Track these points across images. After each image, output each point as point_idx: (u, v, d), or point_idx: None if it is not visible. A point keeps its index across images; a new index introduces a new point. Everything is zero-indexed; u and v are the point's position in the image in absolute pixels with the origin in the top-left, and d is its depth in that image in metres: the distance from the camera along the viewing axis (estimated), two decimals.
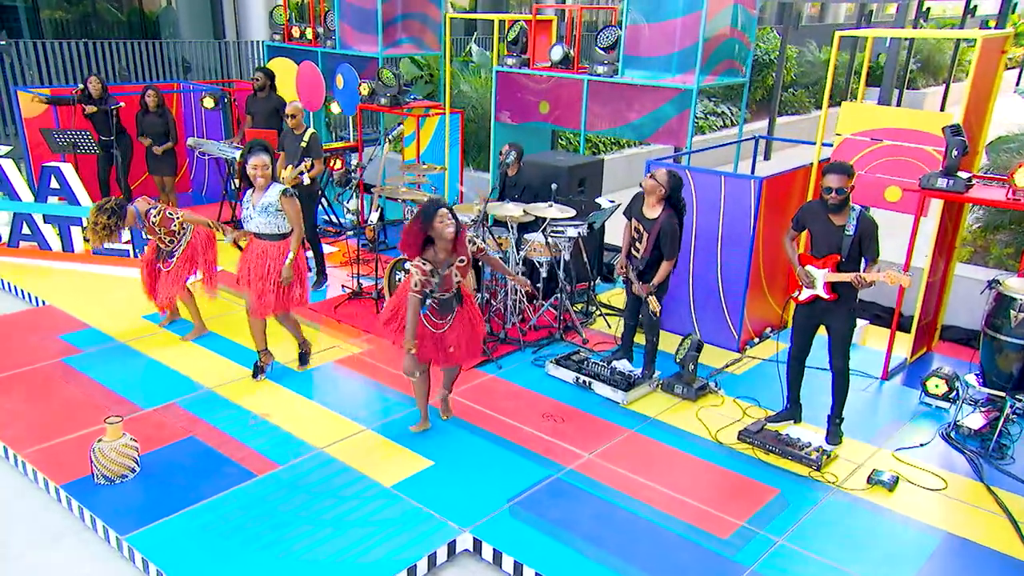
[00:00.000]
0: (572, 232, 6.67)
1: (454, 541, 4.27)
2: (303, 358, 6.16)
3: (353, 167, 8.92)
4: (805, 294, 5.14)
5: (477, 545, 4.29)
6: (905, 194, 6.38)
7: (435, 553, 4.17)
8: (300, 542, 4.20)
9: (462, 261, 4.88)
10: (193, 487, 4.62)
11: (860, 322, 7.07)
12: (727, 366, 6.48)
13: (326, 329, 6.93)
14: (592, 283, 7.60)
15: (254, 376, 5.96)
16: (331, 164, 9.85)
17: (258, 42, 13.38)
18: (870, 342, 6.98)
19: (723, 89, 18.91)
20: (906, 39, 14.54)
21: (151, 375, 5.99)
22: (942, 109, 16.07)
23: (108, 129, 9.05)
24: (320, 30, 10.80)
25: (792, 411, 5.57)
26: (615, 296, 7.81)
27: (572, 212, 6.66)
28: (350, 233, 9.60)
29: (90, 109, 8.97)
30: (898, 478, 4.90)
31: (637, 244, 5.84)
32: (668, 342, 6.47)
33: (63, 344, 6.41)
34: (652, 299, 5.72)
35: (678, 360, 5.96)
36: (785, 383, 5.53)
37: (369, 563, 4.05)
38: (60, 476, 4.67)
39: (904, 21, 12.43)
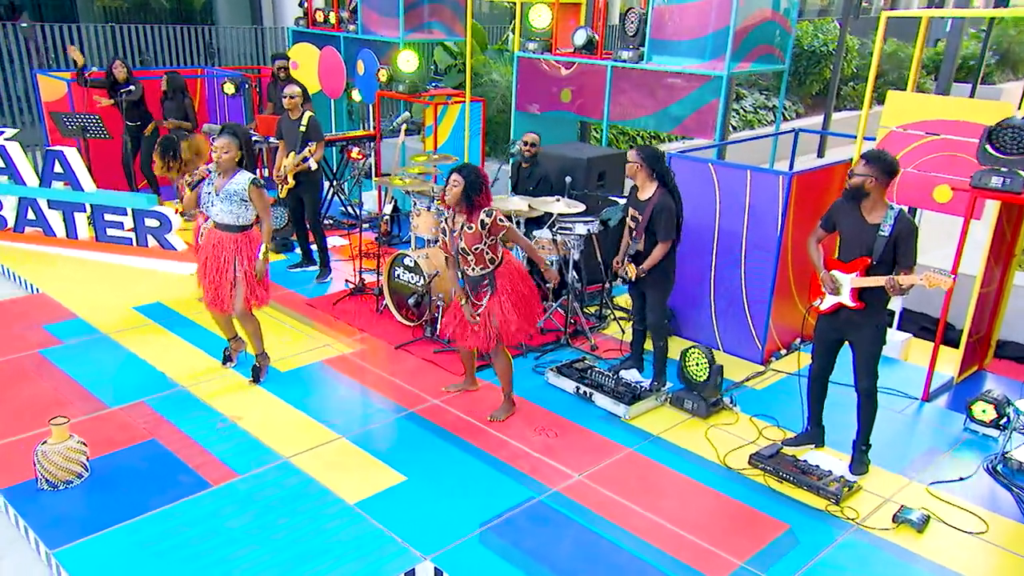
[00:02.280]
0: (582, 229, 6.15)
1: (413, 571, 3.83)
2: (255, 374, 5.57)
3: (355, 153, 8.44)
4: (828, 302, 4.55)
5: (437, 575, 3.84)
6: (956, 194, 5.69)
7: None
8: (243, 565, 3.80)
9: (470, 228, 4.72)
10: (140, 497, 4.26)
11: (901, 335, 6.40)
12: (747, 380, 5.89)
13: (320, 326, 6.55)
14: (607, 285, 7.06)
15: (223, 364, 5.68)
16: (350, 153, 9.48)
17: (284, 29, 13.15)
18: (913, 357, 6.31)
19: (776, 80, 18.09)
20: (974, 27, 13.52)
21: (126, 371, 5.68)
22: (1020, 108, 14.98)
23: (133, 115, 8.84)
24: (344, 14, 10.45)
25: (813, 434, 4.98)
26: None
27: (581, 207, 6.15)
28: (366, 226, 9.23)
29: (102, 98, 8.75)
30: (929, 517, 4.29)
31: (635, 232, 5.34)
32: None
33: (44, 335, 6.16)
34: (630, 266, 5.31)
35: (697, 380, 5.37)
36: (806, 403, 4.94)
37: None
38: (2, 479, 4.36)
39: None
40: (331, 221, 9.31)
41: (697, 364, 5.34)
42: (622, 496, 4.43)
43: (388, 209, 8.64)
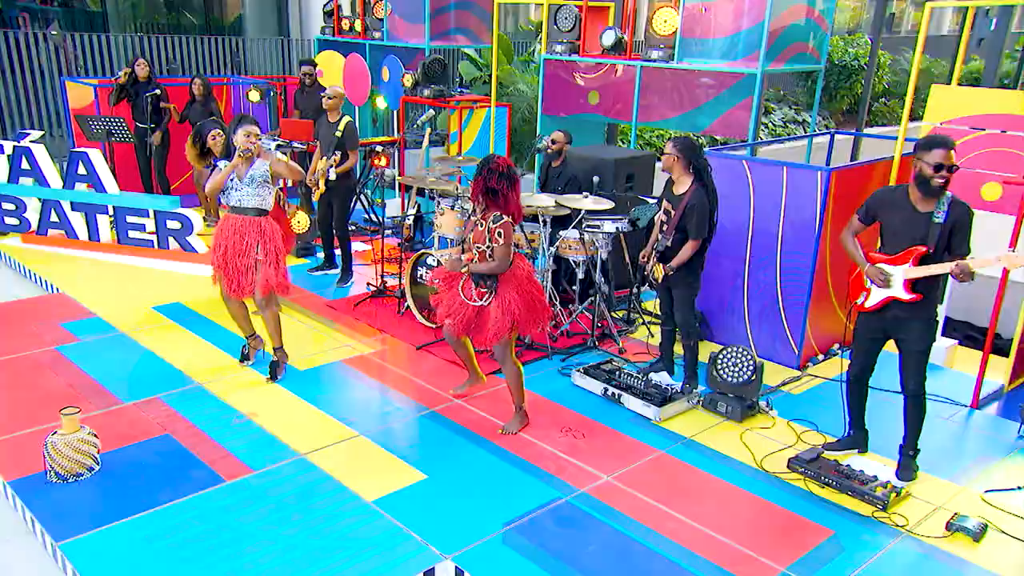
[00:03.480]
0: (610, 227, 5.95)
1: (432, 569, 3.61)
2: (273, 371, 5.39)
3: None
4: (876, 298, 4.28)
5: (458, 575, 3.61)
6: (1007, 191, 5.43)
7: None
8: (253, 561, 3.61)
9: (480, 225, 4.55)
10: (151, 491, 4.09)
11: (947, 341, 6.11)
12: (784, 384, 5.63)
13: (341, 327, 6.39)
14: (636, 289, 6.84)
15: (241, 362, 5.56)
16: (375, 161, 9.38)
17: (310, 41, 13.18)
18: (958, 365, 6.02)
19: (806, 95, 17.85)
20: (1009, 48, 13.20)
21: (142, 367, 5.55)
22: None
23: (144, 116, 8.81)
24: (368, 21, 10.40)
25: (855, 438, 4.71)
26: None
27: (610, 205, 5.96)
28: (388, 232, 9.10)
29: (122, 78, 8.72)
30: (987, 526, 3.99)
31: (665, 227, 5.14)
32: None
33: (62, 332, 6.05)
34: (658, 266, 5.09)
35: (734, 380, 5.12)
36: (846, 407, 4.67)
37: None
38: (11, 471, 4.22)
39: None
40: (353, 227, 9.18)
41: (736, 364, 5.10)
42: (654, 499, 4.18)
43: (411, 212, 8.50)
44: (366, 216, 9.55)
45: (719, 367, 5.16)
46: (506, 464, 4.49)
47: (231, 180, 5.03)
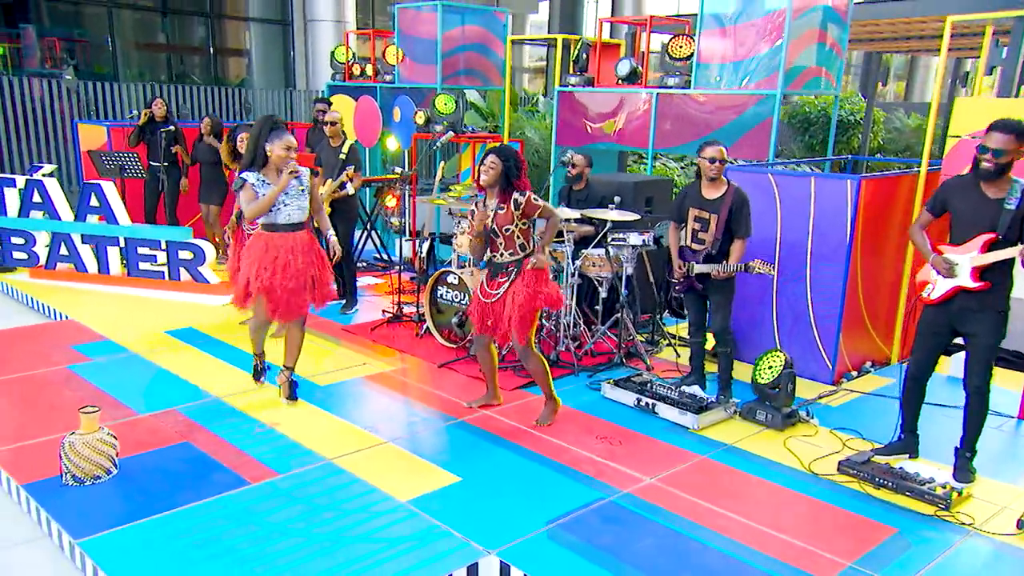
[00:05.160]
0: (636, 240, 5.86)
1: (476, 564, 3.37)
2: (292, 390, 5.09)
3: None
4: (941, 289, 4.14)
5: (505, 571, 3.37)
6: None
7: None
8: (287, 556, 3.37)
9: (501, 208, 4.53)
10: (172, 493, 3.87)
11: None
12: (820, 397, 5.45)
13: (359, 348, 6.22)
14: (658, 314, 6.70)
15: (256, 379, 5.30)
16: (384, 201, 9.33)
17: (316, 92, 13.36)
18: (996, 381, 5.83)
19: (802, 150, 18.06)
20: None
21: (157, 383, 5.35)
22: None
23: (159, 154, 8.79)
24: (379, 66, 10.54)
25: (907, 442, 4.51)
26: (684, 331, 6.86)
27: (635, 217, 5.88)
28: (399, 268, 9.00)
29: (143, 119, 8.73)
30: None
31: (700, 234, 5.04)
32: (744, 373, 5.53)
33: (73, 353, 5.86)
34: (757, 262, 4.95)
35: (762, 380, 4.99)
36: (899, 408, 4.49)
37: None
38: (25, 476, 3.98)
39: (1010, 90, 11.22)
40: (364, 264, 9.09)
41: (770, 367, 4.94)
42: (702, 499, 3.97)
43: (424, 249, 8.41)
44: (376, 256, 9.47)
45: (759, 368, 5.00)
46: (543, 467, 4.28)
47: (281, 199, 4.69)
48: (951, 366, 5.68)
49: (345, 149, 7.03)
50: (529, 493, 3.99)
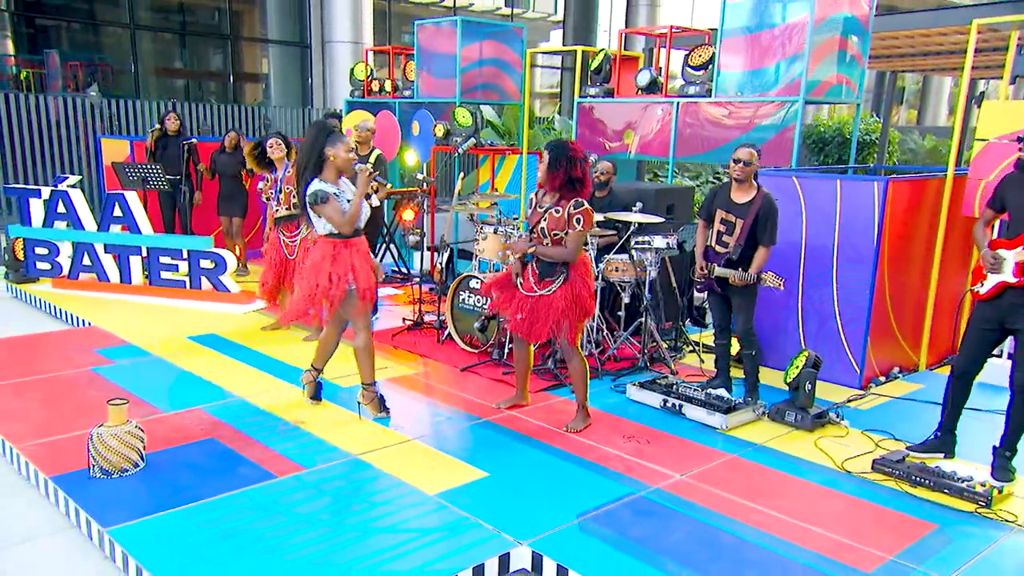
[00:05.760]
0: (660, 243, 5.83)
1: (507, 554, 3.31)
2: (317, 391, 5.05)
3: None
4: (989, 284, 4.08)
5: (537, 562, 3.31)
6: None
7: (483, 566, 3.22)
8: (315, 546, 3.32)
9: (557, 212, 4.42)
10: (200, 485, 3.83)
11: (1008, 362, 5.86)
12: (849, 401, 5.38)
13: (381, 353, 6.17)
14: (680, 323, 6.64)
15: (314, 398, 5.05)
16: (401, 215, 9.34)
17: (333, 109, 13.50)
18: None
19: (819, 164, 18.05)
20: None
21: (181, 384, 5.34)
22: None
23: (177, 166, 8.85)
24: (399, 82, 10.62)
25: (944, 441, 4.43)
26: (707, 339, 6.79)
27: (659, 220, 5.86)
28: (417, 280, 9.00)
29: (154, 133, 8.79)
30: None
31: (725, 237, 5.00)
32: (770, 378, 5.48)
33: (97, 357, 5.86)
34: (769, 275, 4.88)
35: (789, 381, 4.93)
36: (943, 404, 4.41)
37: (398, 571, 3.14)
38: (53, 469, 3.96)
39: None
40: (383, 276, 9.08)
41: (796, 366, 4.88)
42: (737, 495, 3.90)
43: (443, 261, 8.41)
44: (394, 269, 9.47)
45: (790, 367, 4.95)
46: (570, 464, 4.22)
47: (349, 201, 4.57)
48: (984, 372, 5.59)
49: (372, 158, 7.07)
50: (558, 488, 3.93)
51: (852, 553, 3.39)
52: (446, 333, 6.43)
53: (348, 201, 4.54)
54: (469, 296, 6.18)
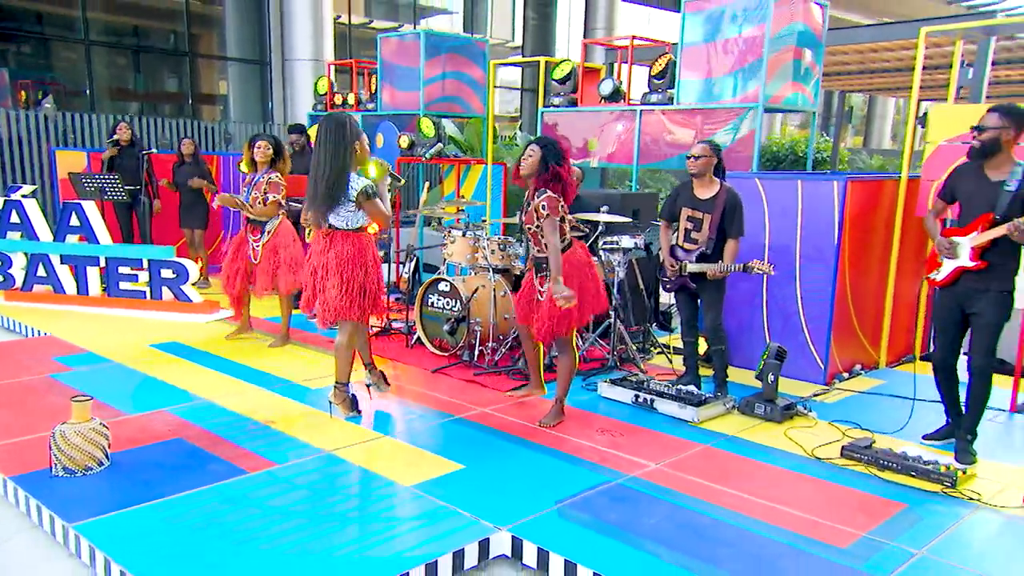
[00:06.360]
0: (628, 243, 5.89)
1: (487, 540, 3.29)
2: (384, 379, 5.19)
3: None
4: (946, 270, 4.21)
5: (517, 547, 3.29)
6: None
7: (463, 551, 3.19)
8: (291, 535, 3.26)
9: (528, 205, 4.51)
10: (168, 482, 3.74)
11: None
12: (815, 395, 5.47)
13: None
14: (648, 324, 6.69)
15: (355, 409, 4.84)
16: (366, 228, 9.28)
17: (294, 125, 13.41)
18: None
19: None
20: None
21: (144, 387, 5.22)
22: None
23: (136, 178, 8.69)
24: (363, 95, 10.63)
25: (956, 425, 4.52)
26: (674, 342, 6.86)
27: (627, 220, 5.94)
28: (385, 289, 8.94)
29: (109, 152, 8.63)
30: None
31: (693, 234, 5.09)
32: (737, 377, 5.56)
33: (54, 364, 5.70)
34: (756, 262, 5.00)
35: (758, 375, 5.00)
36: (940, 396, 4.53)
37: (377, 557, 3.09)
38: (13, 469, 3.83)
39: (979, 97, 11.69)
40: None
41: (763, 359, 4.96)
42: (711, 481, 3.93)
43: (409, 269, 8.38)
44: None
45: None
46: (546, 456, 4.22)
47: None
48: None
49: None
50: (534, 478, 3.92)
51: (827, 531, 3.44)
52: (415, 338, 6.39)
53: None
54: (439, 299, 6.17)
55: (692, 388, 5.28)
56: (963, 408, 4.40)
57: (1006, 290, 4.11)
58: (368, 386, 5.15)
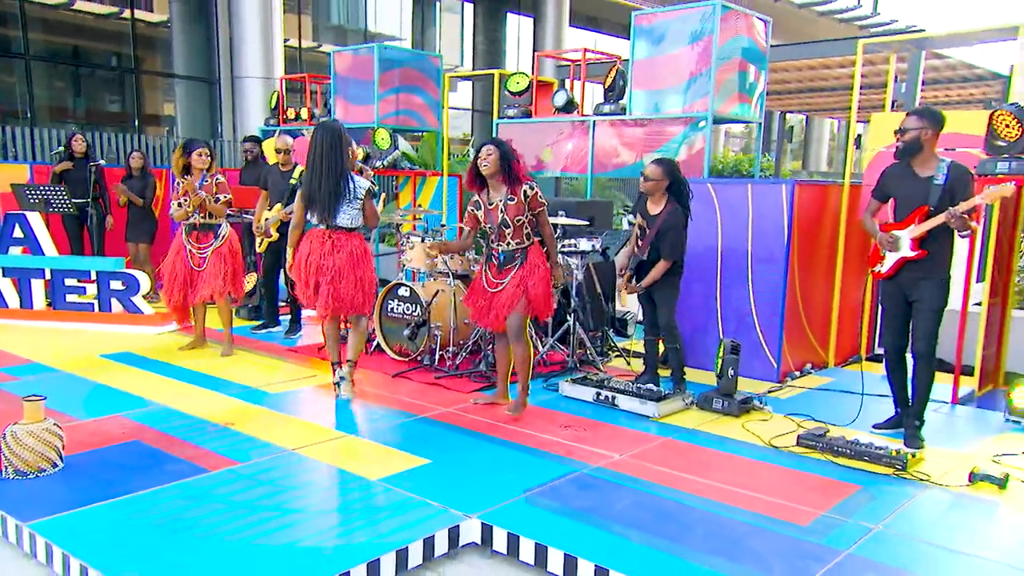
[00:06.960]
0: (586, 245, 5.98)
1: (457, 527, 3.29)
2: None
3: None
4: (889, 262, 4.41)
5: (487, 535, 3.30)
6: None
7: (433, 538, 3.18)
8: (257, 527, 3.22)
9: (511, 199, 4.65)
10: (126, 481, 3.65)
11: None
12: (769, 391, 5.60)
13: (307, 363, 6.07)
14: (605, 330, 6.77)
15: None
16: None
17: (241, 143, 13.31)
18: None
19: None
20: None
21: (96, 394, 5.08)
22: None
23: (85, 190, 8.50)
24: (316, 110, 10.60)
25: (903, 415, 4.67)
26: (633, 347, 6.96)
27: (584, 222, 6.03)
28: None
29: (64, 165, 8.44)
30: (1008, 476, 3.96)
31: (640, 240, 5.24)
32: (694, 376, 5.68)
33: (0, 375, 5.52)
34: (623, 292, 5.29)
35: (717, 373, 5.11)
36: (889, 385, 4.71)
37: (348, 545, 3.06)
38: None
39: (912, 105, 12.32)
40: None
41: (720, 356, 5.07)
42: (675, 470, 4.00)
43: None
44: None
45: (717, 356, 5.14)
46: (511, 450, 4.24)
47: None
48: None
49: (296, 174, 6.97)
50: (501, 470, 3.94)
51: (788, 511, 3.53)
52: (375, 344, 6.36)
53: None
54: (399, 304, 6.16)
55: (651, 385, 5.37)
56: (910, 399, 4.58)
57: (943, 279, 4.35)
58: (336, 384, 5.11)
